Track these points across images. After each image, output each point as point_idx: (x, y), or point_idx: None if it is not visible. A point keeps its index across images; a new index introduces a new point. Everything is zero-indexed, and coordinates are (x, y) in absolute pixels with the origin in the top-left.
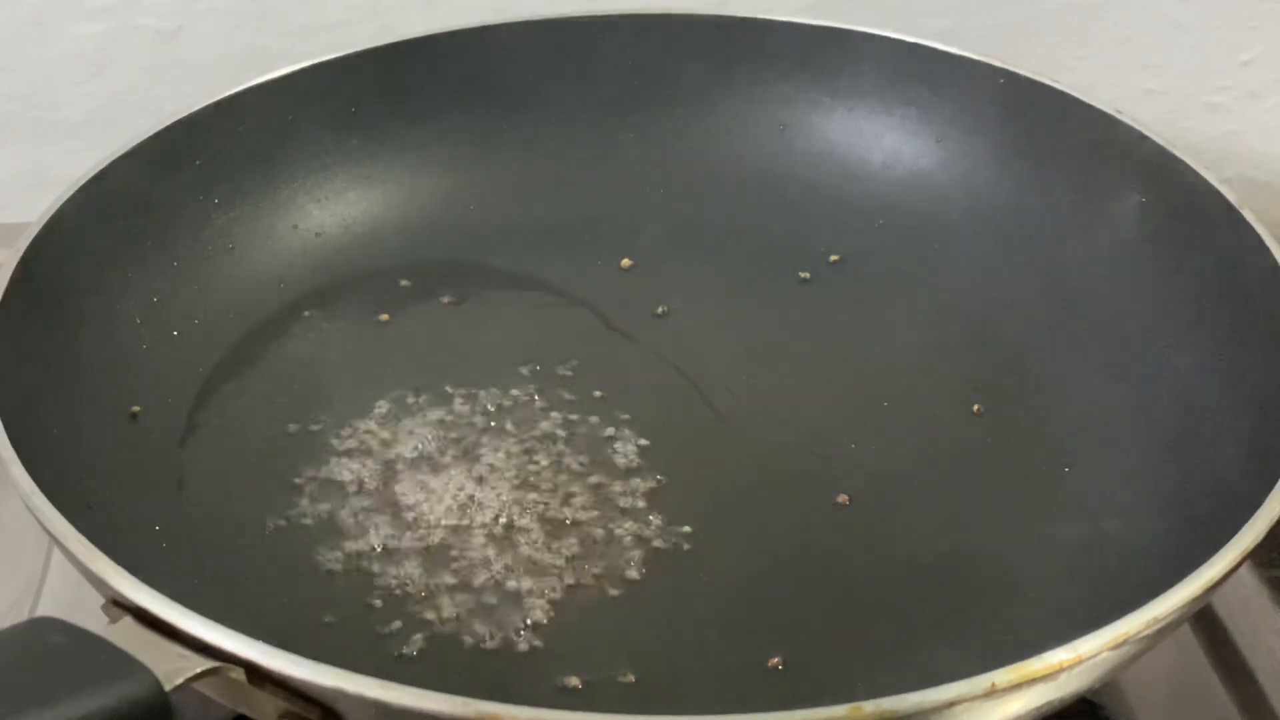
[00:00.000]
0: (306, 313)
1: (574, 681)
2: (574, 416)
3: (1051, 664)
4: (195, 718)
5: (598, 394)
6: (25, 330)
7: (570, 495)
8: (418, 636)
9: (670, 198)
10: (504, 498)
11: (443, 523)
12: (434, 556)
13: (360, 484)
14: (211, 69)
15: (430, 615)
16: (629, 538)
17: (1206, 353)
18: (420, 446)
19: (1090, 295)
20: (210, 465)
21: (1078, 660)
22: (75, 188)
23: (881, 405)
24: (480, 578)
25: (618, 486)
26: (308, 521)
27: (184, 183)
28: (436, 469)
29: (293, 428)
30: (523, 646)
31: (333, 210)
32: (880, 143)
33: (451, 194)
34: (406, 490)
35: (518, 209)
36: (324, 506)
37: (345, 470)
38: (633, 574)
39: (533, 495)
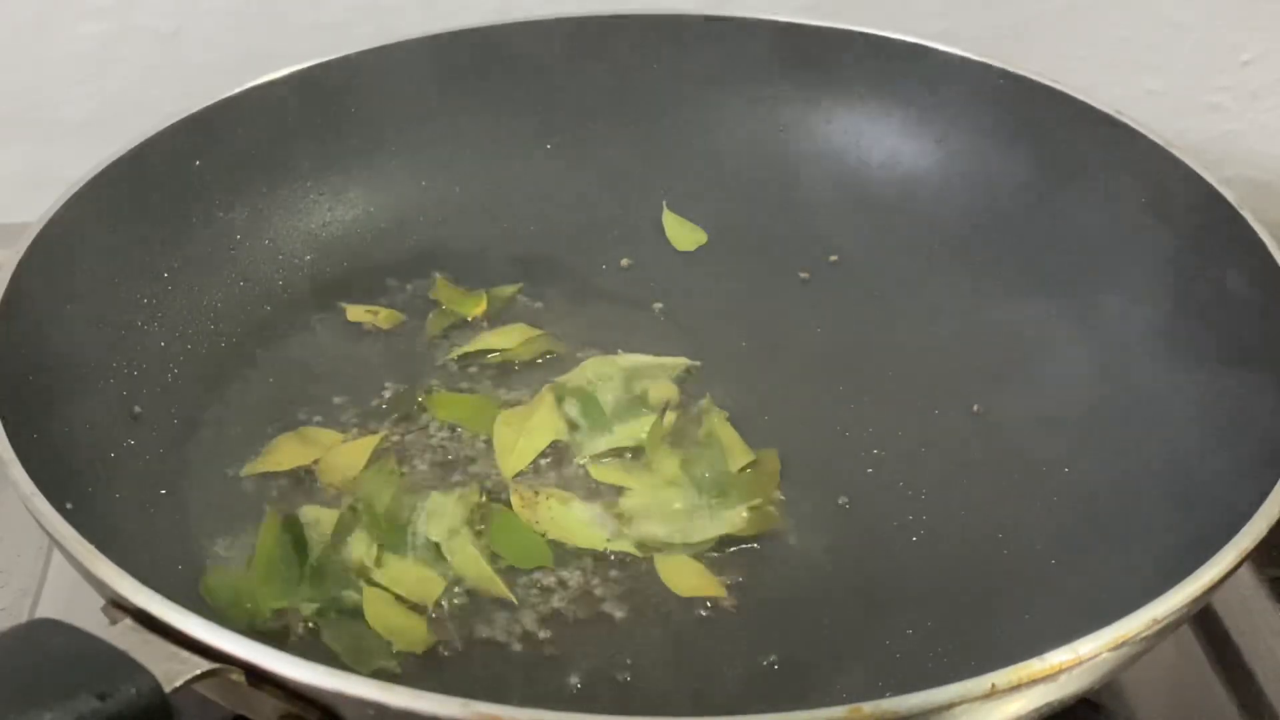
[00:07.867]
0: (307, 312)
1: (574, 681)
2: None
3: (1051, 665)
4: (195, 718)
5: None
6: (26, 330)
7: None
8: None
9: (670, 198)
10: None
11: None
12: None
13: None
14: (211, 69)
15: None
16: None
17: (1207, 353)
18: (424, 444)
19: (1090, 296)
20: (211, 465)
21: (1077, 661)
22: (75, 188)
23: (881, 405)
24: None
25: None
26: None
27: (184, 183)
28: (439, 464)
29: (295, 427)
30: (523, 647)
31: (333, 211)
32: (880, 143)
33: (452, 193)
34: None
35: (518, 209)
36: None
37: None
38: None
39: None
